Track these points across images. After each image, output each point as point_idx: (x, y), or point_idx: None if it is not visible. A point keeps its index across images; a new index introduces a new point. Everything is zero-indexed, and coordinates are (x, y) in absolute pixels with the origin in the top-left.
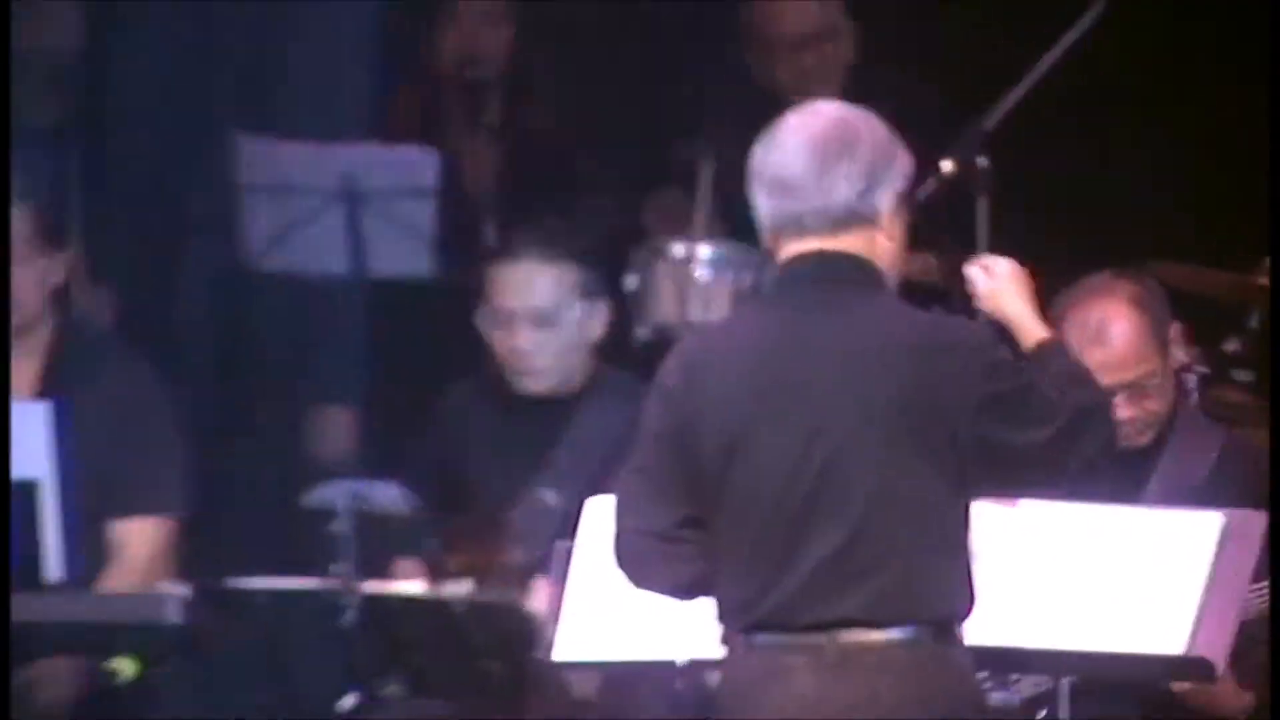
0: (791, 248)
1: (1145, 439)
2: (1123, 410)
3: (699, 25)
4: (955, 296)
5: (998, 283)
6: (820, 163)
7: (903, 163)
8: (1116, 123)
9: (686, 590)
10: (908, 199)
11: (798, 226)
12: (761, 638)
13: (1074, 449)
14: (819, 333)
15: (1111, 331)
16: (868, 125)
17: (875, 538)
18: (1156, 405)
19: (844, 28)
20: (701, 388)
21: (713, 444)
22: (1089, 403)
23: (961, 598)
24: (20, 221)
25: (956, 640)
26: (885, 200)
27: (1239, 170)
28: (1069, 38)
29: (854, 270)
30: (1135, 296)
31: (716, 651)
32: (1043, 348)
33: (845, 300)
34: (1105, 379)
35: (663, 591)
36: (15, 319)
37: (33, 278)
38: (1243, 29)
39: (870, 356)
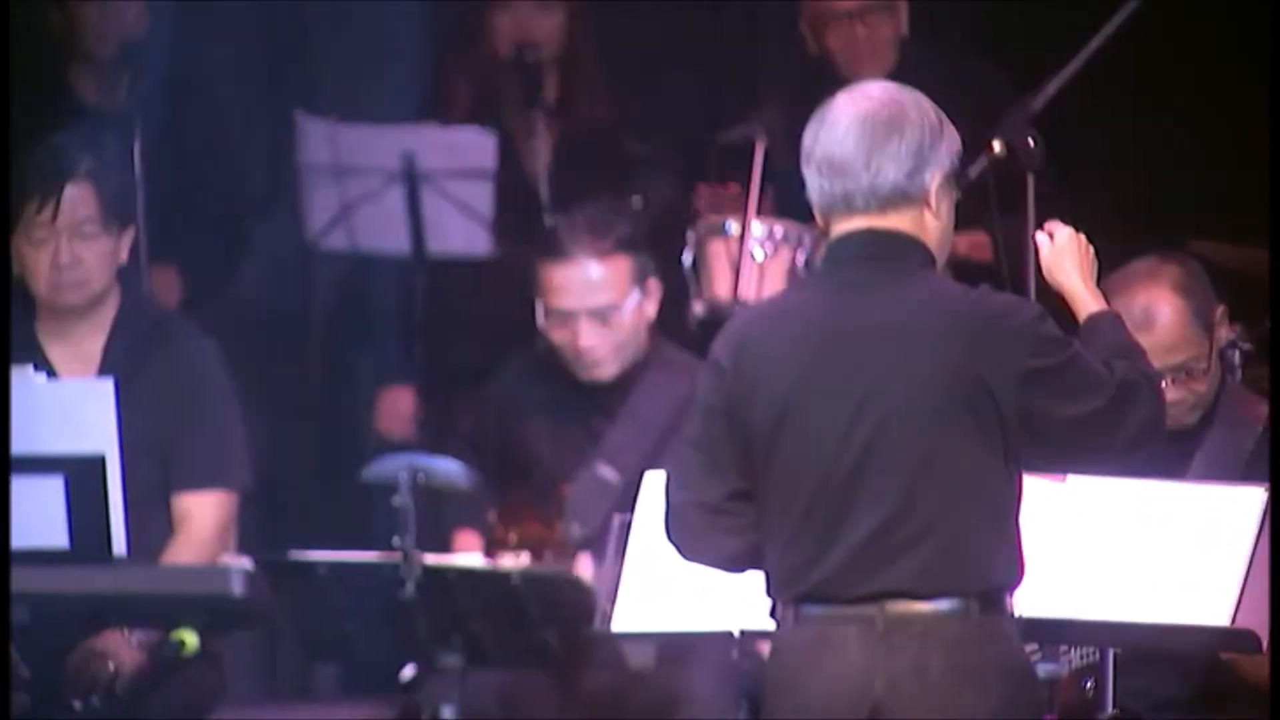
0: (841, 226)
1: (1192, 420)
2: (1170, 393)
3: (753, 5)
4: (1005, 272)
5: (1058, 252)
6: (869, 143)
7: (951, 143)
8: (1161, 100)
9: (736, 562)
10: (956, 178)
11: (847, 205)
12: (811, 609)
13: (1121, 422)
14: (866, 308)
15: (1157, 318)
16: (917, 105)
17: (921, 509)
18: (1203, 387)
19: (896, 1)
20: (752, 362)
21: (762, 416)
22: (1135, 376)
23: (1009, 569)
24: (83, 199)
25: (1004, 611)
26: (933, 180)
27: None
28: (1115, 21)
29: (902, 247)
30: (1179, 282)
31: (769, 623)
32: (1094, 320)
33: (892, 276)
34: (1153, 364)
35: (712, 563)
36: (82, 295)
37: (98, 254)
38: None
39: (916, 331)
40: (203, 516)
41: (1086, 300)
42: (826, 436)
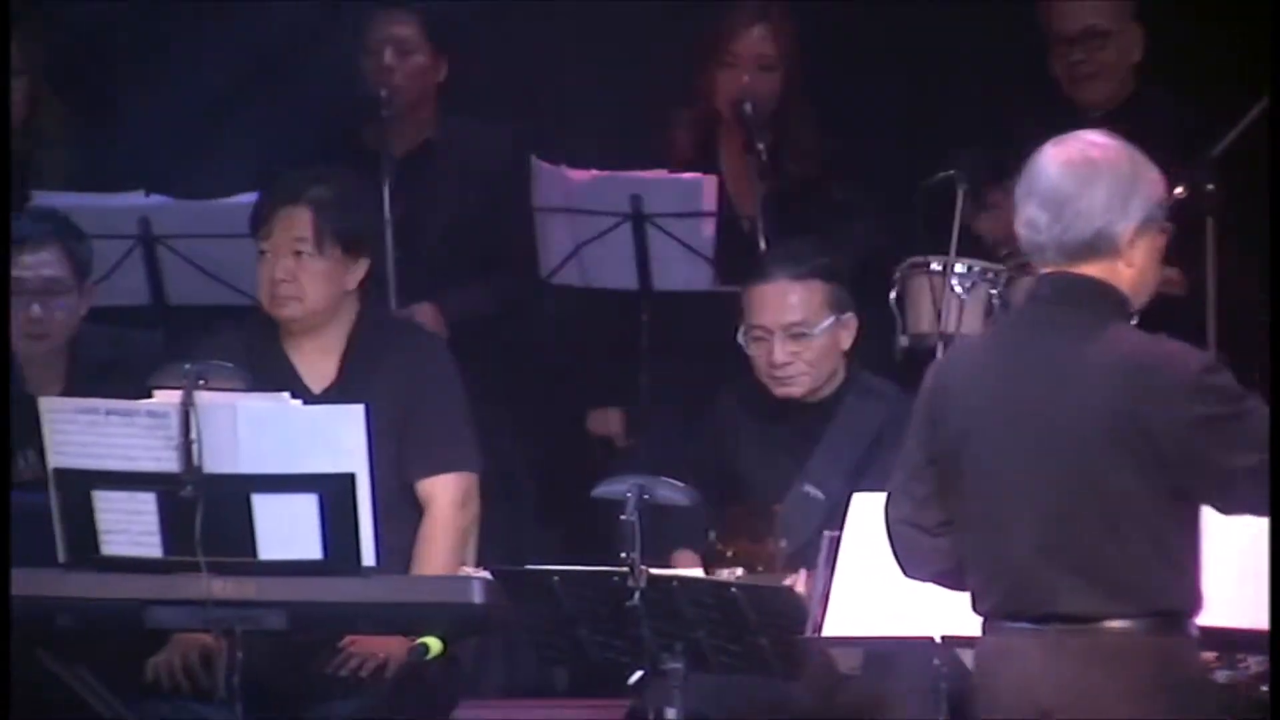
0: (1042, 270)
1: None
2: None
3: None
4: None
5: None
6: (1060, 203)
7: (1148, 192)
8: None
9: (946, 578)
10: (1155, 224)
11: (1042, 255)
12: (998, 622)
13: None
14: (1044, 348)
15: None
16: (1109, 159)
17: (1082, 540)
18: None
19: (1127, 30)
20: (947, 390)
21: (949, 441)
22: None
23: (1180, 597)
24: (299, 221)
25: (1177, 633)
26: (1125, 233)
27: None
28: None
29: (1087, 293)
30: None
31: (968, 629)
32: None
33: (1074, 320)
34: None
35: (925, 579)
36: (297, 310)
37: (312, 273)
38: None
39: (1084, 375)
40: (446, 495)
41: None
42: (997, 466)
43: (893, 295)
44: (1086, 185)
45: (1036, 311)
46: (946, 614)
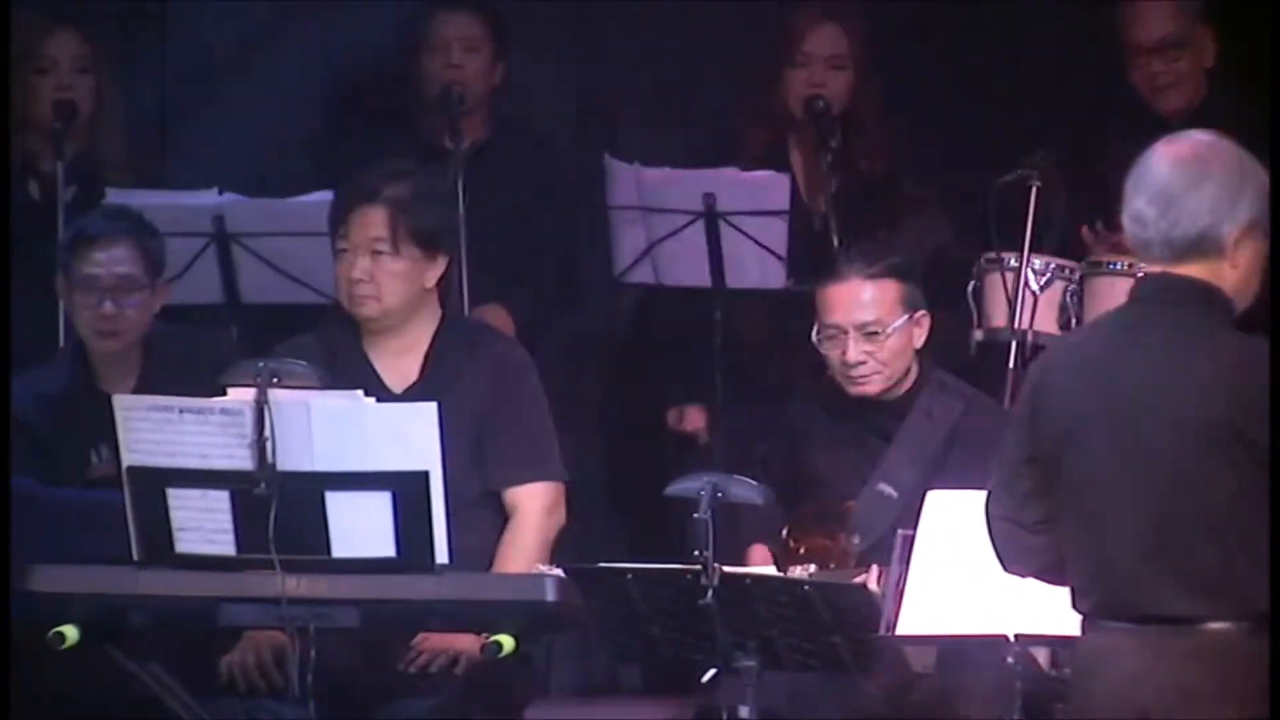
0: (1148, 268)
1: None
2: None
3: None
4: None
5: None
6: (1166, 201)
7: (1256, 195)
8: None
9: (1047, 574)
10: (1262, 228)
11: (1148, 251)
12: (1098, 620)
13: None
14: (1147, 350)
15: None
16: (1219, 159)
17: (1183, 541)
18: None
19: (1200, 36)
20: (1047, 388)
21: (1049, 439)
22: None
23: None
24: (376, 220)
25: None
26: (1230, 233)
27: None
28: None
29: (1190, 295)
30: None
31: (1042, 628)
32: None
33: (1176, 322)
34: None
35: (1026, 575)
36: (375, 310)
37: (390, 272)
38: None
39: (1188, 376)
40: (532, 504)
41: None
42: (1097, 466)
43: (970, 288)
44: (1195, 184)
45: (1138, 312)
46: (1021, 612)
